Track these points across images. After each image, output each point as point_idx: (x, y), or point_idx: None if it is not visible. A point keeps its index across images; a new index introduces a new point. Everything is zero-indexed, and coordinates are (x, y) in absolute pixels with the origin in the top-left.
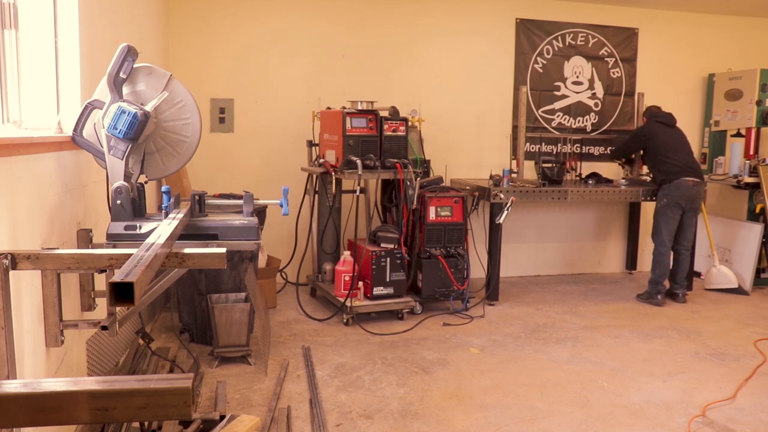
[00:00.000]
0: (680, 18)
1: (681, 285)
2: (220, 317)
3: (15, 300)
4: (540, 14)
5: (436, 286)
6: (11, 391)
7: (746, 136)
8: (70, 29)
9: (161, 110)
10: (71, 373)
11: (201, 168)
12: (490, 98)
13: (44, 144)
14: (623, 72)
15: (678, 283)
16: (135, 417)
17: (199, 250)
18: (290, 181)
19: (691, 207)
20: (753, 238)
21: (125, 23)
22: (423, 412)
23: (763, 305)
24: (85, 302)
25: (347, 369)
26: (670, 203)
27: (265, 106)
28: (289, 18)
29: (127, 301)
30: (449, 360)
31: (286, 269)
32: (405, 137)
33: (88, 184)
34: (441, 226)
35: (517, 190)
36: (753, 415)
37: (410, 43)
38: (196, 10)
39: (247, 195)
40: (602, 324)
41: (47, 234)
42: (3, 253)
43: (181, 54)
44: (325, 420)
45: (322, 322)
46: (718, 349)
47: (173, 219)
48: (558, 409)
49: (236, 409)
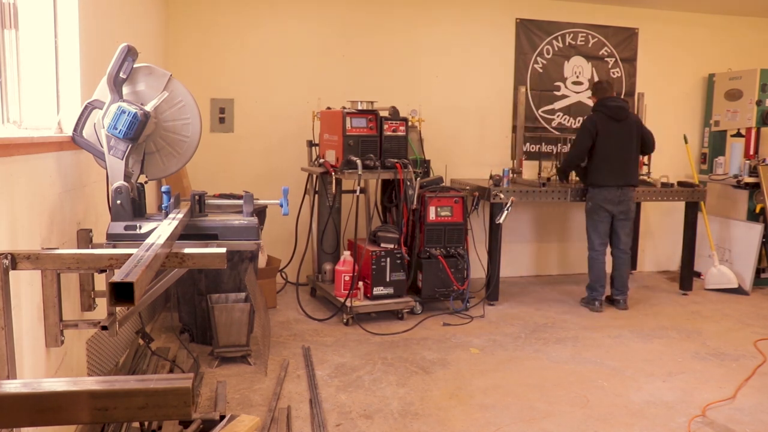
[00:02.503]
0: (680, 18)
1: (621, 291)
2: (220, 317)
3: (15, 300)
4: (540, 14)
5: (436, 286)
6: (11, 391)
7: (746, 136)
8: (70, 29)
9: (161, 110)
10: (71, 373)
11: (201, 168)
12: (490, 98)
13: (44, 144)
14: (623, 72)
15: (617, 289)
16: (135, 417)
17: (199, 250)
18: (290, 181)
19: (620, 211)
20: (753, 238)
21: (125, 23)
22: (423, 412)
23: (763, 305)
24: (85, 302)
25: (347, 369)
26: (595, 207)
27: (265, 106)
28: (289, 18)
29: (127, 301)
30: (449, 360)
31: (286, 269)
32: (405, 137)
33: (88, 184)
34: (441, 226)
35: (517, 190)
36: (753, 415)
37: (410, 42)
38: (196, 10)
39: (247, 195)
40: (602, 324)
41: (47, 234)
42: (3, 253)
43: (181, 54)
44: (325, 420)
45: (322, 322)
46: (718, 349)
47: (173, 219)
48: (558, 409)
49: (236, 409)
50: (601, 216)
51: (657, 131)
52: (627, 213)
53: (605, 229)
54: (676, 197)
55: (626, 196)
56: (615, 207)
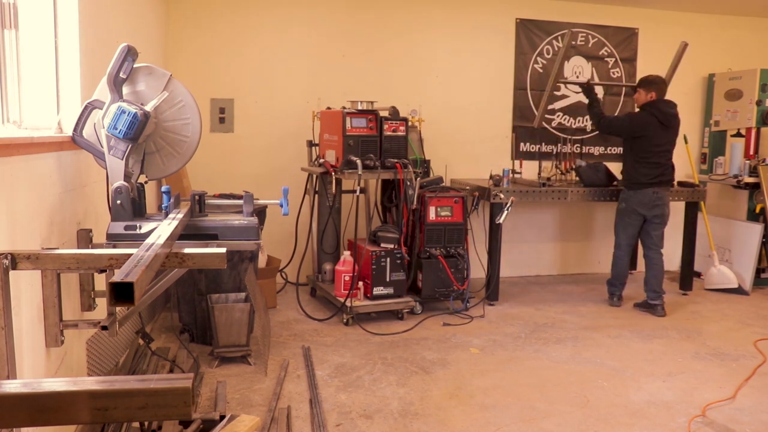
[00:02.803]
0: (680, 18)
1: (657, 294)
2: (220, 317)
3: (15, 300)
4: (540, 14)
5: (436, 286)
6: (11, 391)
7: (746, 136)
8: (70, 29)
9: (161, 110)
10: (71, 373)
11: (201, 168)
12: (490, 98)
13: (44, 144)
14: (623, 72)
15: (654, 291)
16: (135, 417)
17: (199, 250)
18: (290, 181)
19: (654, 215)
20: (753, 238)
21: (125, 23)
22: (423, 412)
23: (763, 305)
24: (85, 302)
25: (347, 369)
26: (628, 209)
27: (265, 106)
28: (289, 18)
29: (127, 301)
30: (449, 360)
31: (286, 269)
32: (405, 137)
33: (88, 184)
34: (441, 226)
35: (517, 190)
36: (753, 415)
37: (410, 42)
38: (196, 10)
39: (247, 195)
40: (602, 324)
41: (47, 234)
42: (3, 253)
43: (181, 54)
44: (325, 420)
45: (322, 322)
46: (718, 349)
47: (173, 219)
48: (558, 409)
49: (236, 409)
50: (633, 219)
51: None
52: (661, 217)
53: (634, 232)
54: (676, 197)
55: (661, 200)
56: (649, 211)
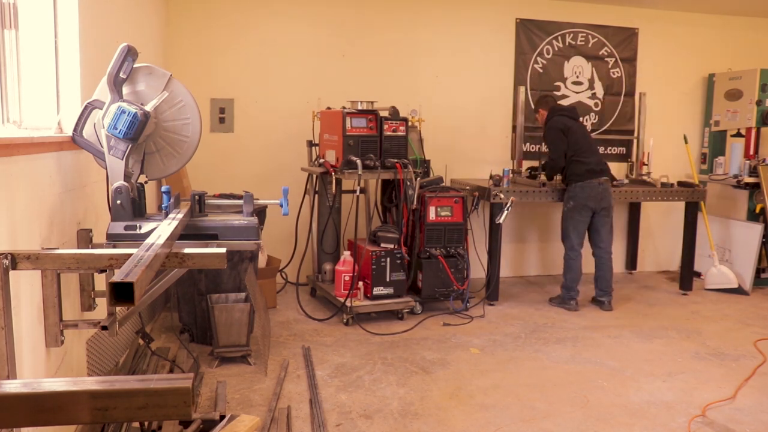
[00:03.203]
0: (680, 18)
1: (605, 292)
2: (220, 317)
3: (15, 300)
4: (540, 14)
5: (436, 286)
6: (11, 391)
7: (746, 136)
8: (70, 29)
9: (161, 110)
10: (71, 373)
11: (201, 168)
12: (490, 98)
13: (44, 144)
14: (623, 72)
15: (602, 290)
16: (135, 417)
17: (199, 250)
18: (290, 181)
19: (602, 207)
20: (753, 238)
21: (125, 23)
22: (423, 412)
23: (763, 305)
24: (85, 302)
25: (347, 369)
26: (578, 206)
27: (265, 106)
28: (289, 18)
29: (127, 301)
30: (449, 360)
31: (286, 269)
32: (405, 137)
33: (88, 184)
34: (441, 226)
35: (517, 190)
36: (753, 415)
37: (410, 42)
38: (196, 10)
39: (247, 195)
40: (602, 324)
41: (47, 234)
42: (3, 253)
43: (181, 54)
44: (325, 420)
45: (322, 322)
46: (718, 349)
47: (173, 219)
48: (558, 409)
49: (236, 409)
50: (584, 216)
51: (657, 131)
52: (608, 210)
53: (584, 230)
54: (676, 197)
55: (607, 191)
56: (598, 204)
